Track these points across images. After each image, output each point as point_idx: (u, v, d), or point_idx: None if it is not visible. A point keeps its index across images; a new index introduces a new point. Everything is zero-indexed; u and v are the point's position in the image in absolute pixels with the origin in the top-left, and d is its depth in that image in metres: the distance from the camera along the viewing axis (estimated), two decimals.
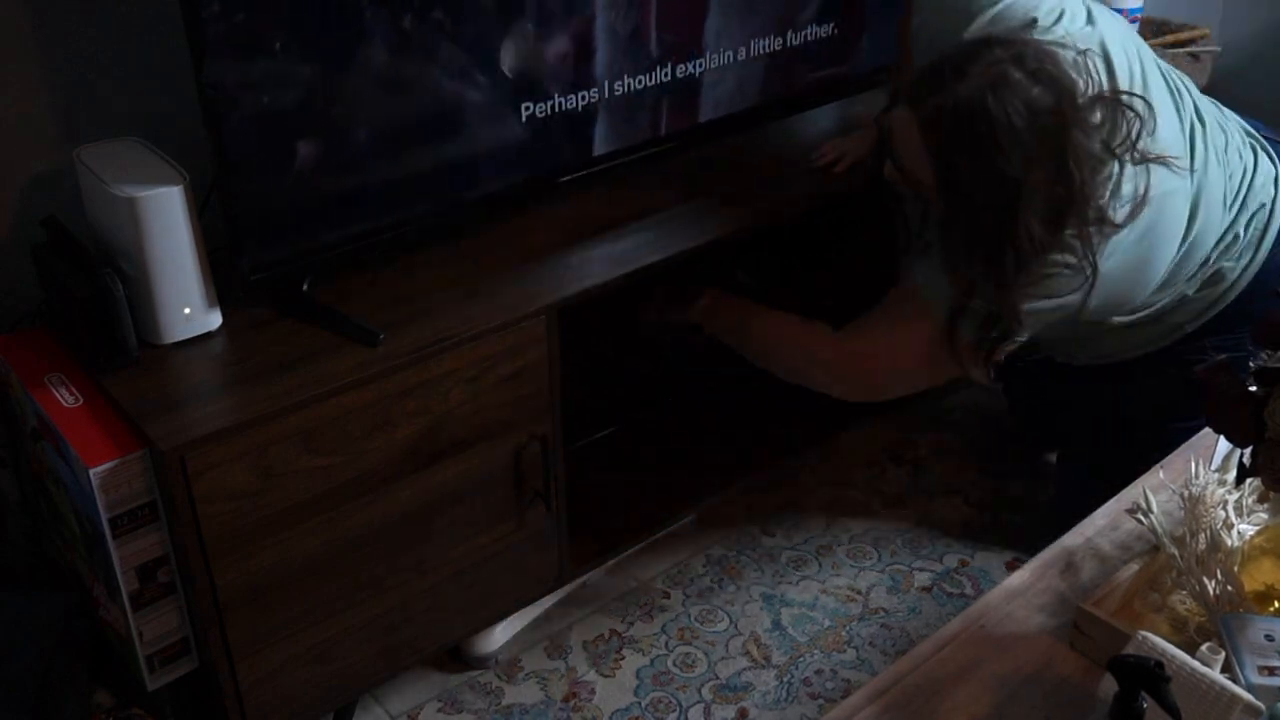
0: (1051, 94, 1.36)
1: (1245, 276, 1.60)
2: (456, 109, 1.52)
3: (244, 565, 1.36)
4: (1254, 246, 1.60)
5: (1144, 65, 1.53)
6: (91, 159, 1.39)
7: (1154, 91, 1.52)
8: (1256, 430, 1.11)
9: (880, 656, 1.80)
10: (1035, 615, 1.23)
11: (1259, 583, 1.20)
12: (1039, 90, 1.36)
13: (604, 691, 1.75)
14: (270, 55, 1.33)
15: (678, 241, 1.66)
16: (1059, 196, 1.38)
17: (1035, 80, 1.36)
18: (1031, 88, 1.36)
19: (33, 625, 1.41)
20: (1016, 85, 1.36)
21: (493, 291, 1.55)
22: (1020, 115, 1.35)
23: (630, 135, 1.73)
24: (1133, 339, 1.64)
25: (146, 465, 1.30)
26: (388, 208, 1.51)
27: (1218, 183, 1.56)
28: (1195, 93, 1.63)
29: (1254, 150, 1.65)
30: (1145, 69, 1.53)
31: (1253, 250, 1.60)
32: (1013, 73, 1.36)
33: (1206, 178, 1.55)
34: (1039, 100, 1.36)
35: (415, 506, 1.50)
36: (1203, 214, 1.54)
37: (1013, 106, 1.35)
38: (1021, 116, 1.35)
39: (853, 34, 1.93)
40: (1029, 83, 1.36)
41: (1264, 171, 1.63)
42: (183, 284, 1.39)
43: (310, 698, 1.52)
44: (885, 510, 2.08)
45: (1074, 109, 1.37)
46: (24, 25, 1.44)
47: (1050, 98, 1.36)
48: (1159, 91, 1.54)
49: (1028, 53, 1.38)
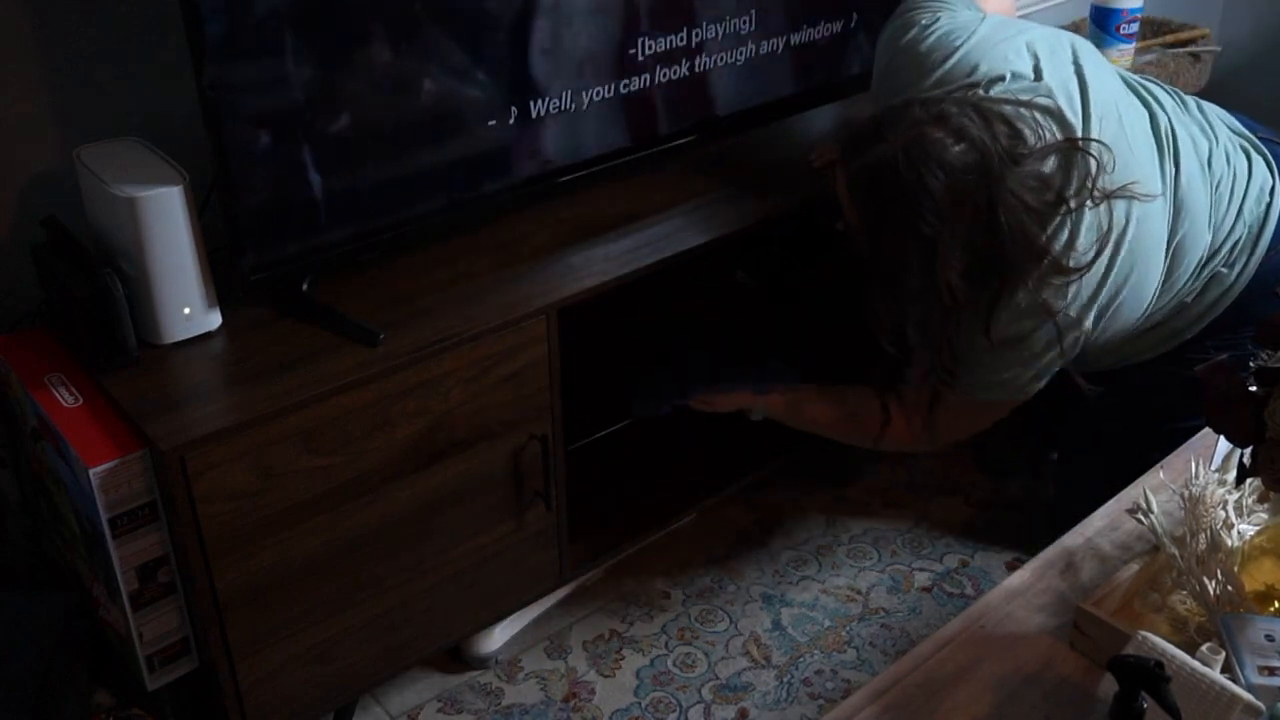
0: (974, 152, 1.37)
1: (1243, 279, 1.60)
2: (456, 108, 1.52)
3: (244, 565, 1.36)
4: (1249, 249, 1.60)
5: (1105, 92, 1.53)
6: (91, 159, 1.39)
7: (1126, 118, 1.52)
8: (1256, 430, 1.11)
9: (880, 656, 1.80)
10: (1035, 615, 1.23)
11: (1259, 583, 1.20)
12: (960, 149, 1.37)
13: (604, 691, 1.75)
14: (270, 55, 1.33)
15: (678, 241, 1.66)
16: (983, 252, 1.39)
17: (958, 139, 1.38)
18: (951, 147, 1.37)
19: (33, 625, 1.41)
20: (934, 145, 1.37)
21: (493, 291, 1.55)
22: (936, 176, 1.36)
23: (630, 135, 1.73)
24: (1133, 349, 1.65)
25: (146, 465, 1.30)
26: (387, 208, 1.51)
27: (1200, 193, 1.56)
28: (1174, 101, 1.63)
29: (1244, 152, 1.64)
30: (1108, 97, 1.53)
31: (1248, 253, 1.60)
32: (931, 133, 1.38)
33: (1188, 190, 1.54)
34: (958, 159, 1.37)
35: (415, 506, 1.50)
36: (1186, 226, 1.54)
37: (927, 167, 1.36)
38: (938, 177, 1.36)
39: (853, 34, 1.93)
40: (949, 142, 1.37)
41: (1258, 174, 1.62)
42: (183, 284, 1.39)
43: (310, 698, 1.52)
44: (885, 510, 2.09)
45: (1004, 164, 1.38)
46: (24, 25, 1.43)
47: (971, 155, 1.37)
48: (1131, 113, 1.54)
49: (951, 111, 1.39)
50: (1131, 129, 1.53)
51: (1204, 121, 1.63)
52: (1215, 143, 1.61)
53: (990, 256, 1.40)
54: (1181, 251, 1.55)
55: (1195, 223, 1.55)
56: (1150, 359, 1.66)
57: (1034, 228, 1.40)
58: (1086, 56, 1.57)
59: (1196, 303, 1.60)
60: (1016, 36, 1.56)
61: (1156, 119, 1.57)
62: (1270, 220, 1.60)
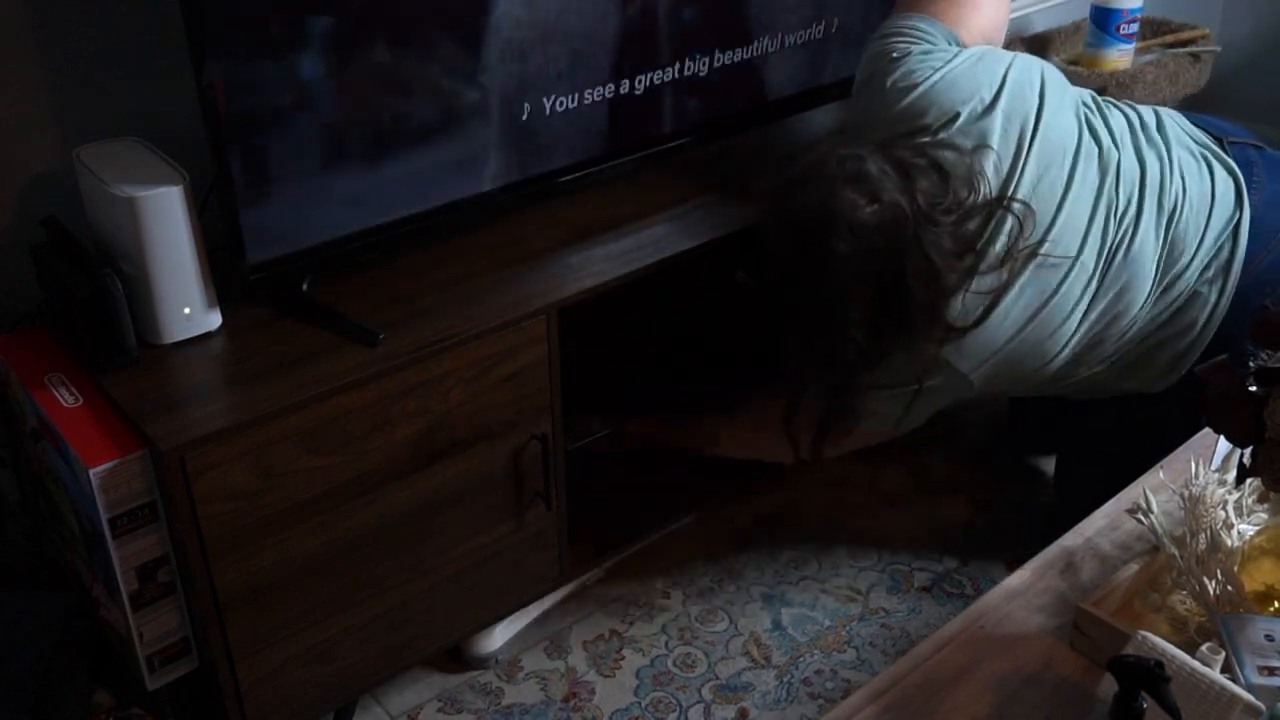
0: (886, 213, 1.39)
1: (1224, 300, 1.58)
2: (456, 108, 1.52)
3: (244, 565, 1.36)
4: (1224, 269, 1.58)
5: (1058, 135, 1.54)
6: (91, 159, 1.40)
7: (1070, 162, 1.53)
8: (1256, 430, 1.11)
9: (880, 656, 1.80)
10: (1035, 615, 1.23)
11: (1259, 583, 1.20)
12: (872, 211, 1.39)
13: (604, 691, 1.75)
14: (270, 55, 1.33)
15: (678, 241, 1.66)
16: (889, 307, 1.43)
17: (870, 200, 1.40)
18: (864, 209, 1.39)
19: (33, 625, 1.41)
20: (846, 205, 1.39)
21: (493, 291, 1.55)
22: (844, 239, 1.39)
23: (630, 135, 1.73)
24: (1123, 385, 1.66)
25: (146, 465, 1.30)
26: (387, 208, 1.51)
27: (1149, 231, 1.55)
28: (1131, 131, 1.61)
29: (1207, 166, 1.62)
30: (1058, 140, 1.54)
31: (1223, 274, 1.58)
32: (845, 193, 1.40)
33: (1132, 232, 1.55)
34: (869, 219, 1.39)
35: (415, 506, 1.50)
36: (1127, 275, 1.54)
37: (835, 229, 1.39)
38: (845, 240, 1.39)
39: (851, 35, 1.93)
40: (862, 203, 1.39)
41: (1221, 192, 1.60)
42: (183, 284, 1.39)
43: (310, 698, 1.52)
44: (885, 510, 2.08)
45: (918, 224, 1.40)
46: (24, 25, 1.44)
47: (884, 216, 1.39)
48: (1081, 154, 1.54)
49: (870, 171, 1.41)
50: (1075, 169, 1.53)
51: (1162, 148, 1.61)
52: (1172, 169, 1.59)
53: (893, 314, 1.44)
54: (1123, 299, 1.55)
55: (1139, 267, 1.55)
56: None
57: (940, 289, 1.43)
58: (1051, 92, 1.57)
59: (1183, 332, 1.60)
60: (984, 71, 1.56)
61: (1106, 158, 1.56)
62: (1240, 238, 1.59)
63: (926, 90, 1.54)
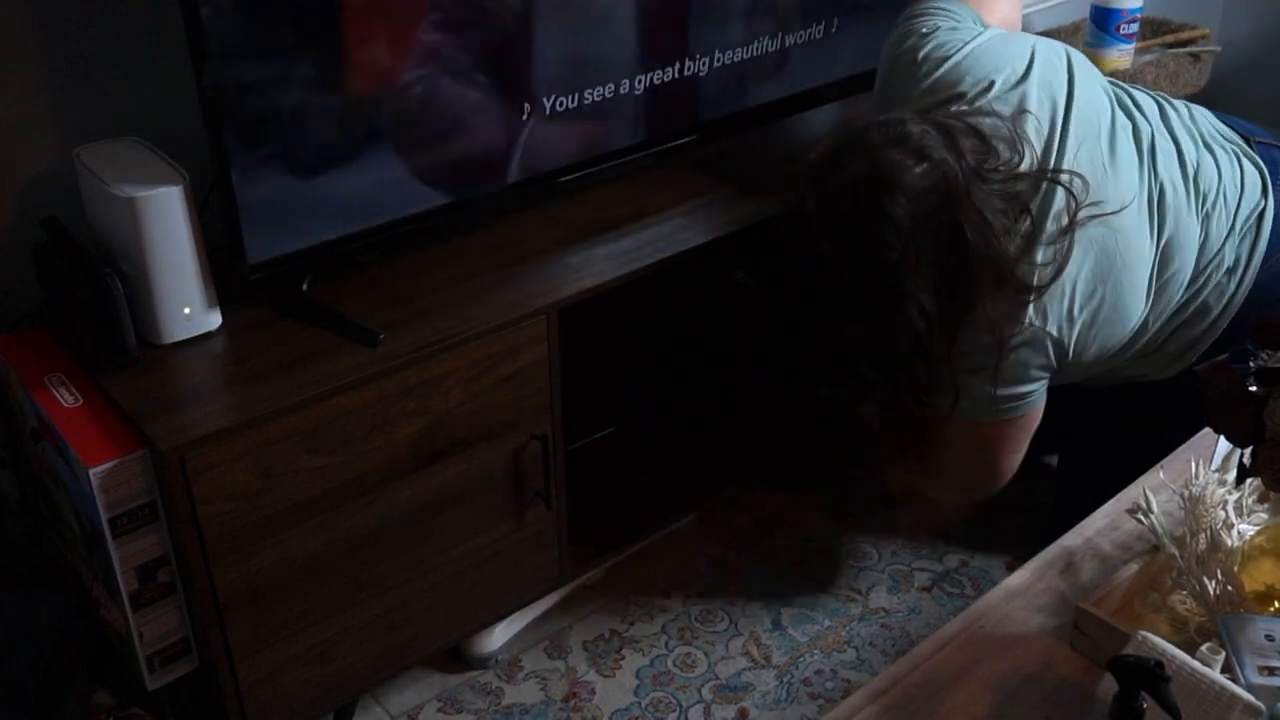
0: (936, 172, 1.37)
1: (1242, 290, 1.58)
2: (457, 108, 1.52)
3: (244, 565, 1.36)
4: (1246, 258, 1.58)
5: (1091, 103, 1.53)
6: (91, 159, 1.40)
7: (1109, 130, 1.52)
8: (1256, 430, 1.11)
9: (880, 656, 1.80)
10: (1035, 615, 1.23)
11: (1259, 583, 1.20)
12: (921, 170, 1.37)
13: (604, 691, 1.75)
14: (270, 55, 1.33)
15: (678, 241, 1.66)
16: (951, 271, 1.40)
17: (918, 159, 1.38)
18: (912, 169, 1.37)
19: (33, 625, 1.41)
20: (894, 168, 1.37)
21: (493, 291, 1.55)
22: (898, 201, 1.36)
23: (630, 136, 1.73)
24: (1132, 372, 1.65)
25: (146, 465, 1.30)
26: (387, 208, 1.51)
27: (1185, 207, 1.55)
28: (1161, 113, 1.62)
29: (1236, 158, 1.63)
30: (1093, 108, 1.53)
31: (1245, 263, 1.58)
32: (891, 156, 1.38)
33: (1172, 204, 1.54)
34: (919, 180, 1.37)
35: (415, 506, 1.50)
36: (1170, 240, 1.53)
37: (887, 192, 1.37)
38: (899, 202, 1.36)
39: (851, 35, 1.93)
40: (910, 163, 1.37)
41: (1250, 183, 1.61)
42: (183, 284, 1.39)
43: (310, 698, 1.52)
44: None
45: (970, 181, 1.37)
46: (24, 25, 1.44)
47: (933, 176, 1.37)
48: (1116, 126, 1.54)
49: (912, 132, 1.39)
50: (1114, 140, 1.53)
51: (1194, 131, 1.62)
52: (1205, 152, 1.59)
53: (958, 275, 1.40)
54: (1169, 264, 1.54)
55: (1181, 237, 1.54)
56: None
57: (999, 246, 1.40)
58: (1079, 68, 1.57)
59: (1198, 317, 1.59)
60: (1013, 45, 1.56)
61: (1140, 133, 1.56)
62: (1264, 229, 1.59)
63: (959, 61, 1.53)
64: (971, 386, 1.51)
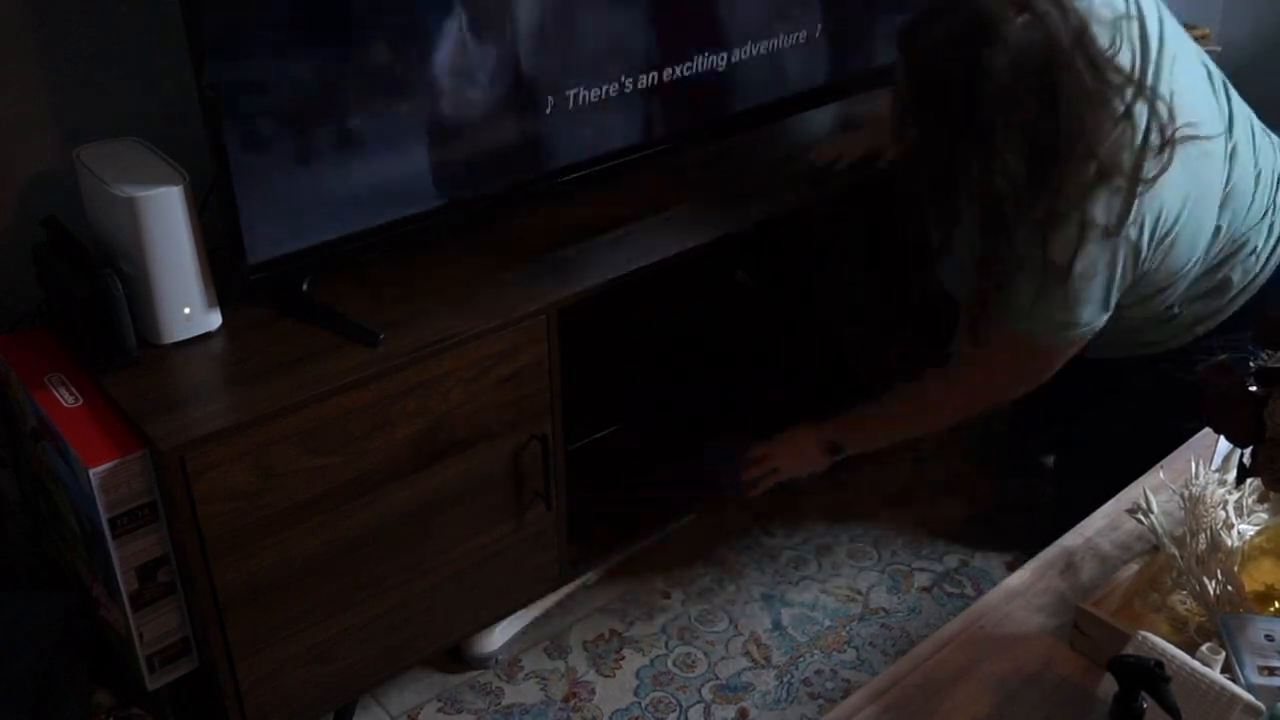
0: (1039, 28, 1.32)
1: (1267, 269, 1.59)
2: (456, 108, 1.52)
3: (244, 565, 1.36)
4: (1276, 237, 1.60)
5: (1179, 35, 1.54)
6: (91, 159, 1.39)
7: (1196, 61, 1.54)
8: (1256, 430, 1.11)
9: (880, 656, 1.80)
10: (1035, 615, 1.23)
11: (1259, 583, 1.20)
12: (1023, 21, 1.32)
13: (604, 691, 1.75)
14: (269, 55, 1.33)
15: (678, 241, 1.66)
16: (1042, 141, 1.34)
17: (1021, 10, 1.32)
18: (1014, 20, 1.32)
19: (33, 625, 1.41)
20: (996, 19, 1.32)
21: (493, 291, 1.55)
22: (997, 53, 1.31)
23: (630, 135, 1.73)
24: (1143, 338, 1.64)
25: (146, 465, 1.30)
26: (387, 208, 1.51)
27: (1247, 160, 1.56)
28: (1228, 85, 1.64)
29: (1268, 137, 1.65)
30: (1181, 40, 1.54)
31: (1274, 242, 1.60)
32: (995, 4, 1.33)
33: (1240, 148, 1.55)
34: (1021, 35, 1.32)
35: (415, 506, 1.50)
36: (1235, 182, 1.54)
37: (987, 42, 1.31)
38: (999, 54, 1.31)
39: (851, 34, 1.93)
40: (1012, 14, 1.32)
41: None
42: (183, 284, 1.39)
43: (310, 698, 1.52)
44: (885, 510, 2.08)
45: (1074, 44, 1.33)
46: (24, 25, 1.44)
47: (1037, 32, 1.32)
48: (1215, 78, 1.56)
49: None
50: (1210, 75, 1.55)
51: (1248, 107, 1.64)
52: (1264, 131, 1.62)
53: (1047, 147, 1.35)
54: (1223, 210, 1.54)
55: (1239, 193, 1.55)
56: (1153, 357, 1.65)
57: (1095, 117, 1.35)
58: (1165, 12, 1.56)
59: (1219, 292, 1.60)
60: None
61: (1215, 81, 1.58)
62: None
63: None
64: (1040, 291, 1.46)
